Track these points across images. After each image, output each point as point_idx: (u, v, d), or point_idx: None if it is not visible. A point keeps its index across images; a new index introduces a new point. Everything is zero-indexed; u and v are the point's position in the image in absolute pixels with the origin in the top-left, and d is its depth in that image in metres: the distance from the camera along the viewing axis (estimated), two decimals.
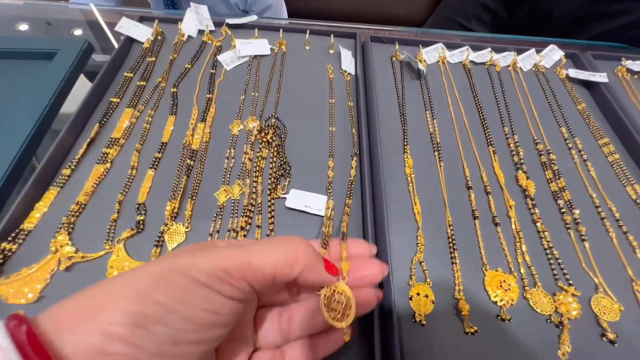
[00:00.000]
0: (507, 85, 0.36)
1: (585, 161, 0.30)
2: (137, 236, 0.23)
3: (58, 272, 0.21)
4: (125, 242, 0.23)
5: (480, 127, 0.32)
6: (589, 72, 0.36)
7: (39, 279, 0.21)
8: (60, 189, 0.25)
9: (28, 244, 0.22)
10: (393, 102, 0.33)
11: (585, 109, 0.34)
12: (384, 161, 0.28)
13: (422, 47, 0.37)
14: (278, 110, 0.31)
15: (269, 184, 0.26)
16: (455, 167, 0.29)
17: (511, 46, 0.39)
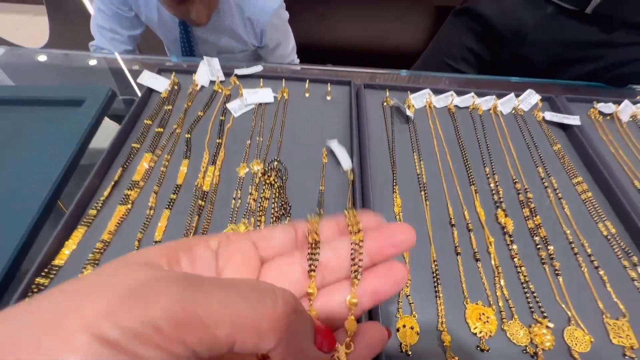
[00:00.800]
0: (488, 127, 0.39)
1: (560, 199, 0.33)
2: None
3: None
4: None
5: (463, 168, 0.35)
6: (564, 114, 0.40)
7: None
8: (87, 228, 0.28)
9: (59, 278, 0.25)
10: (384, 145, 0.37)
11: (560, 150, 0.37)
12: (375, 200, 0.31)
13: (410, 93, 0.41)
14: (280, 154, 0.35)
15: (271, 223, 0.29)
16: (440, 206, 0.32)
17: (493, 91, 0.43)
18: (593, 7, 0.46)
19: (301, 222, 0.15)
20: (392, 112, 0.40)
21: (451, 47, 0.63)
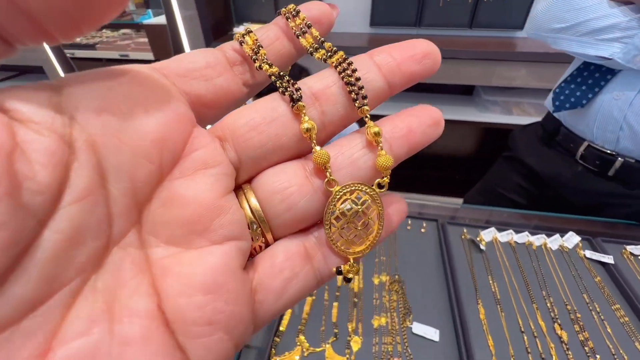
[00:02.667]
0: (541, 259, 0.56)
1: (602, 320, 0.47)
2: None
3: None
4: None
5: (525, 289, 0.51)
6: (600, 254, 0.55)
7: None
8: None
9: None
10: (465, 268, 0.55)
11: (600, 282, 0.52)
12: (464, 308, 0.48)
13: (481, 231, 0.61)
14: (398, 270, 0.55)
15: (400, 317, 0.48)
16: (511, 316, 0.48)
17: (543, 224, 0.60)
18: (615, 171, 0.64)
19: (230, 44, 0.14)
20: (469, 244, 0.59)
21: (503, 181, 0.83)
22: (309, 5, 0.15)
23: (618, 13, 0.56)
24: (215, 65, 0.13)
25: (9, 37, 0.08)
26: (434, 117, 0.14)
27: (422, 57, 0.14)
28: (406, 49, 0.14)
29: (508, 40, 1.39)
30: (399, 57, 0.14)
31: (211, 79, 0.13)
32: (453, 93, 1.54)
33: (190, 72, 0.13)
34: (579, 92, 0.66)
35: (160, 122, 0.11)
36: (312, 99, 0.14)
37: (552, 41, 0.66)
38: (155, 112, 0.11)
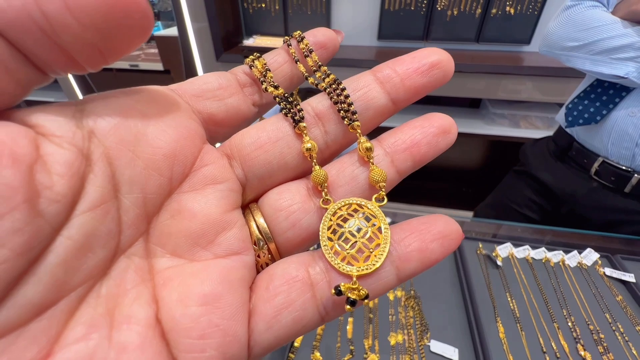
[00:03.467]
0: (560, 276, 0.55)
1: (627, 342, 0.45)
2: None
3: None
4: None
5: (545, 307, 0.50)
6: (621, 272, 0.54)
7: None
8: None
9: None
10: (482, 284, 0.54)
11: (622, 300, 0.51)
12: (484, 328, 0.47)
13: (496, 246, 0.60)
14: (414, 285, 0.54)
15: (418, 335, 0.47)
16: (532, 336, 0.46)
17: (559, 239, 0.59)
18: (631, 187, 0.64)
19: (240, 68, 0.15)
20: (485, 259, 0.58)
21: (515, 195, 0.82)
22: (316, 31, 0.16)
23: (632, 33, 0.57)
24: (227, 86, 0.14)
25: (44, 66, 0.09)
26: (442, 125, 0.13)
27: (430, 68, 0.13)
28: (411, 62, 0.13)
29: (514, 54, 1.40)
30: (402, 71, 0.13)
31: (223, 99, 0.14)
32: (460, 106, 1.55)
33: (204, 92, 0.14)
34: (593, 108, 0.66)
35: (172, 138, 0.12)
36: (315, 119, 0.14)
37: (565, 59, 0.67)
38: (168, 129, 0.12)
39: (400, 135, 0.14)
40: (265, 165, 0.14)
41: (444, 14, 1.34)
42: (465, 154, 1.67)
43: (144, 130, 0.11)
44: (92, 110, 0.11)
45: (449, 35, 1.39)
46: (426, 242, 0.13)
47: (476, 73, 1.31)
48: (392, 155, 0.14)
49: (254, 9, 1.44)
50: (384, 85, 0.14)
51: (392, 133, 0.14)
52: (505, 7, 1.31)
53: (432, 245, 0.13)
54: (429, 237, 0.13)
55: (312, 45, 0.15)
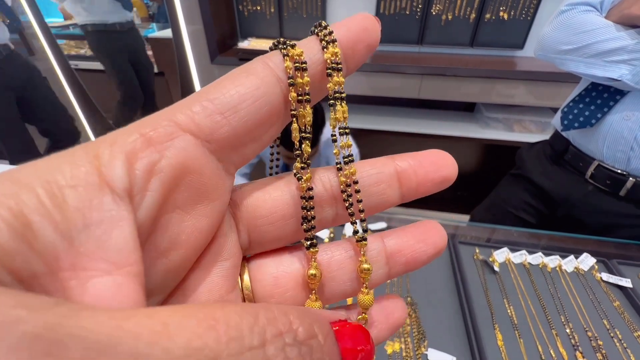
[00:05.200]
0: (557, 281, 0.54)
1: (625, 348, 0.45)
2: None
3: None
4: None
5: (543, 314, 0.49)
6: (617, 277, 0.53)
7: None
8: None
9: None
10: (479, 289, 0.53)
11: (620, 306, 0.50)
12: (481, 334, 0.46)
13: (493, 251, 0.59)
14: (410, 292, 0.53)
15: (415, 343, 0.45)
16: (530, 343, 0.45)
17: (555, 244, 0.58)
18: (626, 191, 0.64)
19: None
20: (482, 264, 0.57)
21: (511, 199, 0.82)
22: (348, 22, 0.13)
23: (625, 36, 0.57)
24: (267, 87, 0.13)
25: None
26: (439, 246, 0.14)
27: (442, 182, 0.14)
28: (429, 169, 0.14)
29: (508, 59, 1.41)
30: (421, 176, 0.14)
31: (260, 105, 0.12)
32: (455, 109, 1.55)
33: (241, 101, 0.12)
34: (588, 111, 0.66)
35: (209, 225, 0.12)
36: (322, 200, 0.14)
37: (559, 62, 0.67)
38: (205, 217, 0.12)
39: (404, 244, 0.14)
40: (274, 240, 0.14)
41: (438, 18, 1.35)
42: (459, 158, 1.67)
43: (187, 212, 0.12)
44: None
45: (443, 40, 1.40)
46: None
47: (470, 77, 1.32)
48: (390, 264, 0.14)
49: (249, 11, 1.43)
50: (402, 186, 0.14)
51: (395, 235, 0.14)
52: (499, 12, 1.32)
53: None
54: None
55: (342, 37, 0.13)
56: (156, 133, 0.10)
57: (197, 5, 1.29)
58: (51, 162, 0.09)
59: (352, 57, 0.13)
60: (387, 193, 0.14)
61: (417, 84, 1.34)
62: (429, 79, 1.27)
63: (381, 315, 0.14)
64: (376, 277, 0.14)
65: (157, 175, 0.10)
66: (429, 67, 1.29)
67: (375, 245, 0.14)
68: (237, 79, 0.12)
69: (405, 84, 1.36)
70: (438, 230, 0.14)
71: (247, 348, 0.07)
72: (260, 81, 0.12)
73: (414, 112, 1.53)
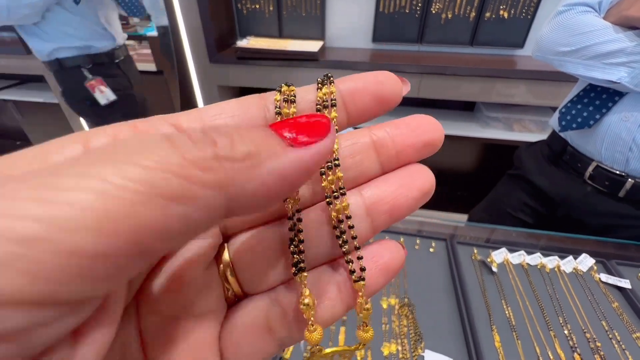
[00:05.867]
0: (555, 282, 0.54)
1: (624, 350, 0.44)
2: None
3: None
4: None
5: (541, 315, 0.49)
6: (616, 277, 0.53)
7: None
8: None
9: None
10: (477, 291, 0.53)
11: (618, 307, 0.50)
12: (479, 335, 0.46)
13: (491, 251, 0.59)
14: (407, 293, 0.53)
15: (412, 344, 0.45)
16: (528, 345, 0.45)
17: (554, 244, 0.58)
18: (625, 192, 0.63)
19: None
20: (480, 265, 0.57)
21: (509, 199, 0.82)
22: (367, 74, 0.13)
23: (624, 38, 0.57)
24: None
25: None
26: (424, 188, 0.13)
27: (424, 146, 0.13)
28: (408, 134, 0.13)
29: (508, 58, 1.41)
30: (399, 142, 0.13)
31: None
32: (454, 109, 1.55)
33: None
34: (586, 112, 0.66)
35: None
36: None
37: (557, 64, 0.66)
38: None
39: (383, 192, 0.13)
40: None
41: (438, 17, 1.34)
42: (459, 157, 1.67)
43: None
44: None
45: (443, 39, 1.39)
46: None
47: (470, 76, 1.31)
48: (373, 216, 0.13)
49: (248, 9, 1.43)
50: (379, 155, 0.13)
51: (373, 185, 0.13)
52: (499, 11, 1.32)
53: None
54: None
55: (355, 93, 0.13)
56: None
57: (195, 3, 1.29)
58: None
59: (352, 104, 0.13)
60: (364, 164, 0.13)
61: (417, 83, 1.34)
62: (428, 78, 1.26)
63: (369, 262, 0.13)
64: (360, 232, 0.13)
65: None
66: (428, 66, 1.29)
67: (353, 199, 0.13)
68: (230, 102, 0.13)
69: None
70: (424, 172, 0.13)
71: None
72: (246, 102, 0.13)
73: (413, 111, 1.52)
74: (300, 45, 1.35)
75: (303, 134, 0.09)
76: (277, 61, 1.32)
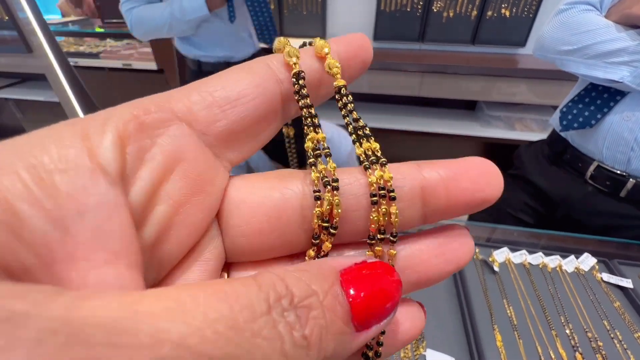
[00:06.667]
0: (557, 282, 0.54)
1: (626, 350, 0.45)
2: None
3: None
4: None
5: (542, 314, 0.49)
6: (618, 277, 0.53)
7: None
8: None
9: None
10: (479, 290, 0.53)
11: (620, 307, 0.50)
12: (480, 335, 0.46)
13: (493, 250, 0.59)
14: None
15: (414, 344, 0.45)
16: (530, 344, 0.45)
17: (555, 244, 0.58)
18: (627, 192, 0.63)
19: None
20: (482, 264, 0.57)
21: (509, 199, 0.81)
22: (347, 38, 0.13)
23: (626, 37, 0.56)
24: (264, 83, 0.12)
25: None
26: (462, 263, 0.12)
27: (479, 204, 0.11)
28: (466, 188, 0.11)
29: (510, 56, 1.41)
30: (452, 196, 0.11)
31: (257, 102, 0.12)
32: (456, 107, 1.55)
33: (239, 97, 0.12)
34: (587, 112, 0.65)
35: (201, 220, 0.11)
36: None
37: (559, 63, 0.66)
38: (198, 212, 0.11)
39: (414, 260, 0.12)
40: (263, 251, 0.13)
41: (439, 15, 1.34)
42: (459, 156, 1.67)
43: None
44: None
45: (444, 37, 1.39)
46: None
47: (471, 75, 1.31)
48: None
49: None
50: (426, 205, 0.11)
51: (407, 245, 0.12)
52: (501, 10, 1.31)
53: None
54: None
55: (338, 54, 0.13)
56: (150, 118, 0.10)
57: None
58: (34, 142, 0.08)
59: (347, 71, 0.13)
60: (404, 213, 0.11)
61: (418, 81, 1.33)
62: (429, 76, 1.26)
63: (388, 336, 0.12)
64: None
65: (148, 162, 0.10)
66: (429, 64, 1.28)
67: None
68: (238, 75, 0.11)
69: (405, 82, 1.36)
70: (467, 242, 0.12)
71: (258, 314, 0.07)
72: (261, 79, 0.12)
73: (414, 110, 1.52)
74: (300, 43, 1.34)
75: (370, 303, 0.09)
76: None
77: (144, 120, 0.10)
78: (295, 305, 0.08)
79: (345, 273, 0.09)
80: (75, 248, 0.08)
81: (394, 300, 0.09)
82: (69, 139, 0.08)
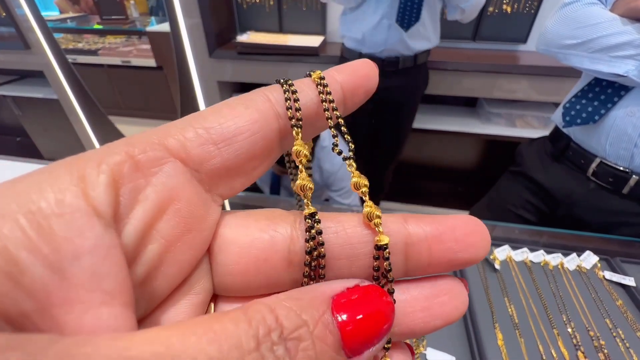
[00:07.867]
0: (559, 280, 0.54)
1: (628, 348, 0.44)
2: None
3: None
4: None
5: (544, 313, 0.49)
6: (620, 275, 0.53)
7: None
8: None
9: None
10: (480, 289, 0.52)
11: (622, 305, 0.49)
12: (481, 334, 0.45)
13: (494, 248, 0.58)
14: None
15: (414, 343, 0.45)
16: (531, 343, 0.45)
17: (557, 241, 0.58)
18: (629, 189, 0.63)
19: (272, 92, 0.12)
20: (483, 262, 0.57)
21: (511, 197, 0.81)
22: (352, 66, 0.13)
23: (632, 30, 0.56)
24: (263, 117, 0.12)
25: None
26: (451, 318, 0.11)
27: (463, 264, 0.11)
28: (451, 248, 0.11)
29: (511, 53, 1.39)
30: (435, 253, 0.11)
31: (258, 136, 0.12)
32: (456, 104, 1.54)
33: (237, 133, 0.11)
34: (591, 107, 0.65)
35: (191, 257, 0.11)
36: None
37: (562, 57, 0.65)
38: (189, 249, 0.11)
39: (398, 312, 0.11)
40: (250, 289, 0.12)
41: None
42: (460, 153, 1.66)
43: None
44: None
45: (445, 33, 1.37)
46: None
47: (472, 72, 1.30)
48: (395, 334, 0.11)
49: (248, 4, 1.41)
50: (408, 261, 0.11)
51: (407, 289, 0.12)
52: (502, 6, 1.30)
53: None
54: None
55: (339, 84, 0.13)
56: (145, 157, 0.10)
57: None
58: (31, 186, 0.08)
59: (351, 100, 0.13)
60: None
61: None
62: (430, 73, 1.25)
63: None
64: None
65: (142, 202, 0.10)
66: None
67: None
68: (235, 109, 0.11)
69: None
70: (459, 295, 0.11)
71: (246, 352, 0.07)
72: (259, 115, 0.11)
73: None
74: (300, 40, 1.33)
75: (362, 328, 0.09)
76: (277, 56, 1.30)
77: (139, 160, 0.10)
78: (284, 337, 0.08)
79: (338, 298, 0.09)
80: (72, 291, 0.08)
81: (388, 323, 0.09)
82: (65, 182, 0.09)
